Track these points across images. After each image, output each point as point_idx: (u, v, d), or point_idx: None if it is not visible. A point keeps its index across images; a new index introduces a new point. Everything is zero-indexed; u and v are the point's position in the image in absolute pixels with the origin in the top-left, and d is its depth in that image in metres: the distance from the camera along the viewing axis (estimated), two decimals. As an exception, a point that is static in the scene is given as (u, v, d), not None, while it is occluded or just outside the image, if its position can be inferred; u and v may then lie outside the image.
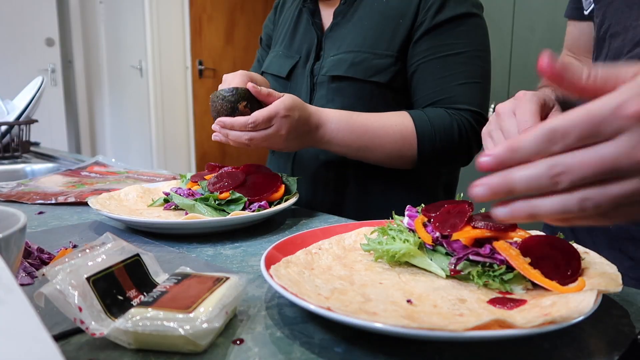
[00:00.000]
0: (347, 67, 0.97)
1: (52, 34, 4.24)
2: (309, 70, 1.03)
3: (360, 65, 0.96)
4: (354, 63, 0.97)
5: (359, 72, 0.96)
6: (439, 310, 0.47)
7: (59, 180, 1.19)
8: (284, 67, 1.07)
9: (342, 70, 0.97)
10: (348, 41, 0.99)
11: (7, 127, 1.54)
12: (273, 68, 1.10)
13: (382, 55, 0.96)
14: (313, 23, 1.05)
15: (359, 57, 0.97)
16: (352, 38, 0.99)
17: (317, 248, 0.62)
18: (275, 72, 1.09)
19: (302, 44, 1.07)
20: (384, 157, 0.92)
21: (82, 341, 0.44)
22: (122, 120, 4.68)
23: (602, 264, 0.53)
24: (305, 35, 1.07)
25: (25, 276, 0.57)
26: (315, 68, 1.03)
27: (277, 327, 0.47)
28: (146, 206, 0.88)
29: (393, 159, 0.93)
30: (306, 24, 1.08)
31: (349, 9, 1.01)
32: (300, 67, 1.06)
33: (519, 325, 0.40)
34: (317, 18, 1.06)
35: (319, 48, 1.04)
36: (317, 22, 1.06)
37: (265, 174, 0.87)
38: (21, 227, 0.46)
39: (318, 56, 1.03)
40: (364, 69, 0.96)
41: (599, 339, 0.46)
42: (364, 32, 0.98)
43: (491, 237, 0.54)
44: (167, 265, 0.62)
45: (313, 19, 1.06)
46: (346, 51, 0.98)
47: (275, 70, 1.09)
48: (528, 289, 0.52)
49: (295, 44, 1.08)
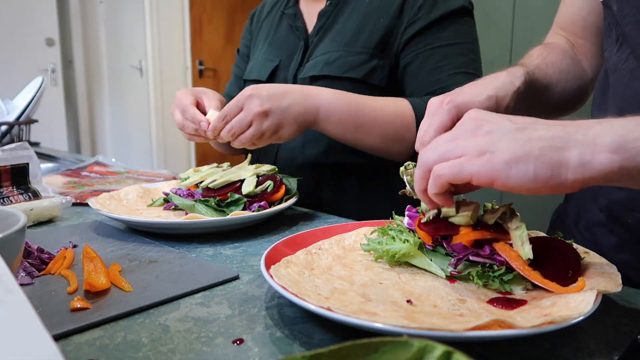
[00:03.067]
0: (322, 66, 0.98)
1: (52, 34, 4.23)
2: (292, 75, 1.04)
3: (334, 64, 0.97)
4: (328, 62, 0.98)
5: (334, 69, 0.97)
6: (439, 310, 0.47)
7: (59, 180, 1.19)
8: (264, 71, 1.08)
9: (318, 69, 0.98)
10: (330, 42, 1.00)
11: (7, 127, 1.54)
12: (253, 73, 1.11)
13: (356, 52, 0.97)
14: (296, 27, 1.06)
15: (333, 55, 0.98)
16: (333, 39, 1.00)
17: (317, 248, 0.62)
18: (255, 77, 1.09)
19: (283, 48, 1.07)
20: (381, 139, 0.89)
21: (82, 341, 0.45)
22: (122, 120, 4.68)
23: (602, 264, 0.53)
24: (287, 38, 1.07)
25: (25, 276, 0.58)
26: (299, 72, 1.03)
27: (277, 327, 0.47)
28: (146, 206, 0.88)
29: (391, 142, 0.90)
30: (287, 28, 1.08)
31: (333, 9, 1.02)
32: (282, 71, 1.06)
33: (519, 325, 0.40)
34: (300, 21, 1.06)
35: (304, 52, 1.04)
36: (299, 26, 1.06)
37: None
38: (21, 227, 0.46)
39: (302, 60, 1.04)
40: (338, 66, 0.97)
41: (599, 339, 0.46)
42: (344, 31, 0.99)
43: (491, 238, 0.54)
44: (167, 265, 0.62)
45: (295, 22, 1.06)
46: (323, 52, 0.99)
47: (255, 75, 1.10)
48: (528, 289, 0.52)
49: (276, 48, 1.08)
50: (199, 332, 0.46)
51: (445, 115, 0.59)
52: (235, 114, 0.83)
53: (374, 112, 0.88)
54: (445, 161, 0.47)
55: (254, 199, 0.80)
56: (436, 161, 0.48)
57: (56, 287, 0.56)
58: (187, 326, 0.47)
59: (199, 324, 0.48)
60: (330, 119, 0.86)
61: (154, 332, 0.46)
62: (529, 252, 0.50)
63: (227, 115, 0.83)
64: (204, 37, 4.39)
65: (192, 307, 0.52)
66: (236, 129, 0.83)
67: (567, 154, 0.43)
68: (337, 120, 0.87)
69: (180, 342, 0.45)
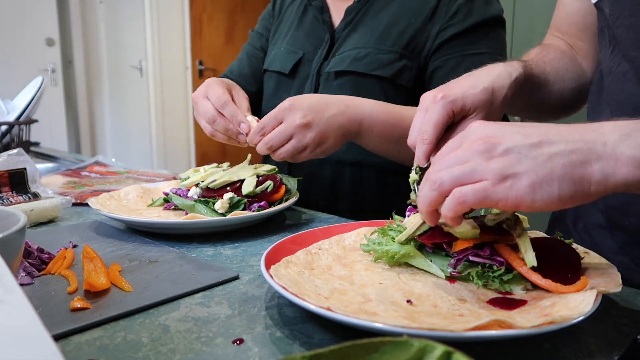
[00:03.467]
0: (350, 62, 0.97)
1: (52, 34, 4.23)
2: (316, 69, 1.02)
3: (363, 60, 0.96)
4: (357, 58, 0.96)
5: (361, 66, 0.96)
6: (439, 310, 0.47)
7: (59, 180, 1.19)
8: (287, 63, 1.06)
9: (345, 65, 0.97)
10: (357, 39, 0.99)
11: (7, 127, 1.54)
12: (276, 64, 1.09)
13: (386, 50, 0.96)
14: (322, 21, 1.04)
15: (362, 52, 0.97)
16: (361, 36, 0.99)
17: (317, 248, 0.62)
18: (278, 69, 1.08)
19: (307, 41, 1.06)
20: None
21: (82, 341, 0.45)
22: (122, 120, 4.68)
23: (602, 264, 0.53)
24: (312, 32, 1.06)
25: (25, 276, 0.58)
26: (323, 67, 1.02)
27: (277, 327, 0.47)
28: (146, 206, 0.88)
29: None
30: (313, 20, 1.06)
31: (362, 6, 1.01)
32: (305, 64, 1.05)
33: (519, 325, 0.40)
34: (326, 15, 1.05)
35: (330, 47, 1.03)
36: (326, 20, 1.04)
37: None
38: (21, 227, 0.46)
39: (327, 55, 1.03)
40: (367, 63, 0.96)
41: (599, 339, 0.46)
42: (373, 30, 0.98)
43: (491, 240, 0.54)
44: (167, 265, 0.62)
45: (322, 16, 1.05)
46: (352, 48, 0.98)
47: (278, 66, 1.08)
48: (528, 289, 0.52)
49: (299, 40, 1.07)
50: (199, 332, 0.46)
51: (441, 111, 0.58)
52: (274, 127, 0.79)
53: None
54: (463, 184, 0.46)
55: (254, 199, 0.80)
56: (453, 184, 0.46)
57: (56, 287, 0.56)
58: (187, 326, 0.47)
59: (199, 324, 0.48)
60: (373, 130, 0.84)
61: (154, 332, 0.46)
62: (532, 260, 0.50)
63: (265, 127, 0.79)
64: (204, 37, 4.39)
65: (192, 307, 0.52)
66: (274, 142, 0.79)
67: (589, 169, 0.43)
68: (379, 132, 0.85)
69: (180, 342, 0.45)
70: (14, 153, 0.87)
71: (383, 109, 0.85)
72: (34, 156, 1.63)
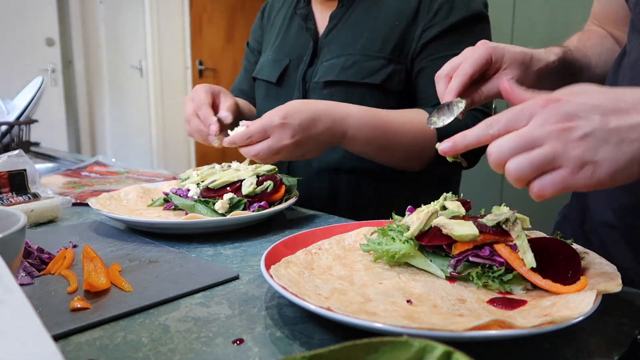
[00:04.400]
0: (339, 71, 0.97)
1: (52, 34, 4.23)
2: (301, 76, 1.03)
3: (351, 68, 0.96)
4: (345, 66, 0.97)
5: (351, 74, 0.96)
6: (439, 310, 0.47)
7: (59, 180, 1.19)
8: (274, 72, 1.07)
9: (334, 74, 0.97)
10: (342, 45, 0.99)
11: (7, 127, 1.54)
12: (264, 73, 1.10)
13: (374, 56, 0.96)
14: (306, 28, 1.05)
15: (350, 59, 0.97)
16: (345, 42, 0.99)
17: (317, 248, 0.62)
18: (265, 78, 1.09)
19: (294, 48, 1.06)
20: (403, 159, 0.91)
21: (82, 341, 0.45)
22: (122, 120, 4.68)
23: (601, 264, 0.53)
24: (298, 39, 1.06)
25: (25, 276, 0.58)
26: (308, 74, 1.02)
27: (277, 327, 0.47)
28: (146, 206, 0.88)
29: (411, 160, 0.92)
30: (298, 28, 1.07)
31: (345, 11, 1.01)
32: (291, 72, 1.05)
33: (519, 325, 0.40)
34: (311, 23, 1.05)
35: (314, 54, 1.03)
36: (310, 27, 1.05)
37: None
38: (21, 227, 0.46)
39: (312, 62, 1.03)
40: (356, 71, 0.96)
41: (599, 339, 0.46)
42: (357, 35, 0.98)
43: (491, 241, 0.54)
44: (167, 265, 0.62)
45: (306, 24, 1.05)
46: (338, 55, 0.98)
47: (265, 75, 1.09)
48: (528, 289, 0.52)
49: (285, 49, 1.08)
50: (199, 332, 0.46)
51: (482, 52, 0.60)
52: (261, 139, 0.80)
53: (398, 136, 0.88)
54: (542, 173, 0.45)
55: (254, 199, 0.80)
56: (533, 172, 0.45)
57: (56, 287, 0.56)
58: (187, 326, 0.47)
59: (199, 324, 0.48)
60: (356, 141, 0.86)
61: (154, 332, 0.46)
62: (531, 261, 0.50)
63: (252, 137, 0.80)
64: (204, 37, 4.39)
65: (192, 307, 0.52)
66: (263, 155, 0.81)
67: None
68: (362, 143, 0.87)
69: (180, 342, 0.45)
70: (14, 154, 0.87)
71: (370, 121, 0.86)
72: (34, 156, 1.63)
